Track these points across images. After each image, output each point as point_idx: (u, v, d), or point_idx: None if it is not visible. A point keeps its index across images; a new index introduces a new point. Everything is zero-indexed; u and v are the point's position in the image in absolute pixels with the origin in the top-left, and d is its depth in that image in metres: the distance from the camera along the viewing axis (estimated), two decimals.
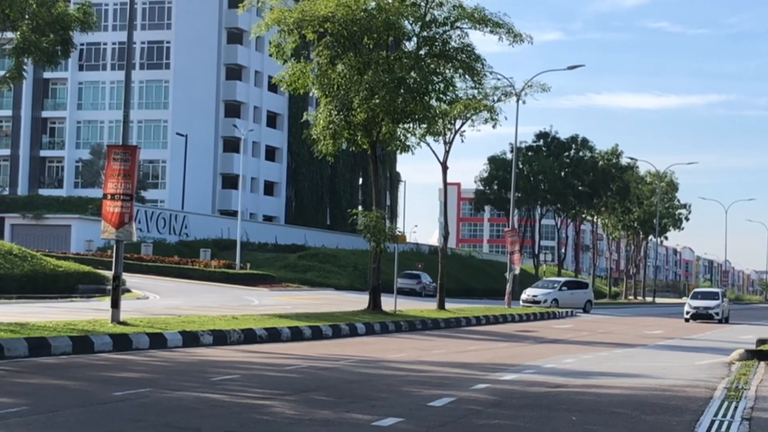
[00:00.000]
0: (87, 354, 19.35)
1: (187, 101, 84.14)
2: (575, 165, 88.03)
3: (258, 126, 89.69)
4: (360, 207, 64.42)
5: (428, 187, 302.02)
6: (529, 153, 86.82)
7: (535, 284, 59.43)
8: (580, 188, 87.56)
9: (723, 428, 12.40)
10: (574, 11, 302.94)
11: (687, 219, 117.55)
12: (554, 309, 49.60)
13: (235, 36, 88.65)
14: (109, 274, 28.68)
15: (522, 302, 54.64)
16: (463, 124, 43.44)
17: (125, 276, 33.13)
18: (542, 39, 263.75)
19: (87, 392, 13.89)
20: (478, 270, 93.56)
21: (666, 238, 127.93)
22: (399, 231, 44.16)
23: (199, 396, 13.68)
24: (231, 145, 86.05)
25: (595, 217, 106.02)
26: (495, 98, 44.81)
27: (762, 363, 20.81)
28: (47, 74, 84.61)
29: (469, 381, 16.75)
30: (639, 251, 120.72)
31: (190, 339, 22.33)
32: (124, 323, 23.39)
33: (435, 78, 36.96)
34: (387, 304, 36.94)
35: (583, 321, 44.85)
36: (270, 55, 37.84)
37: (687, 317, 47.44)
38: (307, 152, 70.23)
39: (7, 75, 27.91)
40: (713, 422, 12.74)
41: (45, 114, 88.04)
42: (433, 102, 37.70)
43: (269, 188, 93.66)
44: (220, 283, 56.18)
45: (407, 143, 38.87)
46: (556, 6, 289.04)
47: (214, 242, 72.02)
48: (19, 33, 26.93)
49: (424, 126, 38.52)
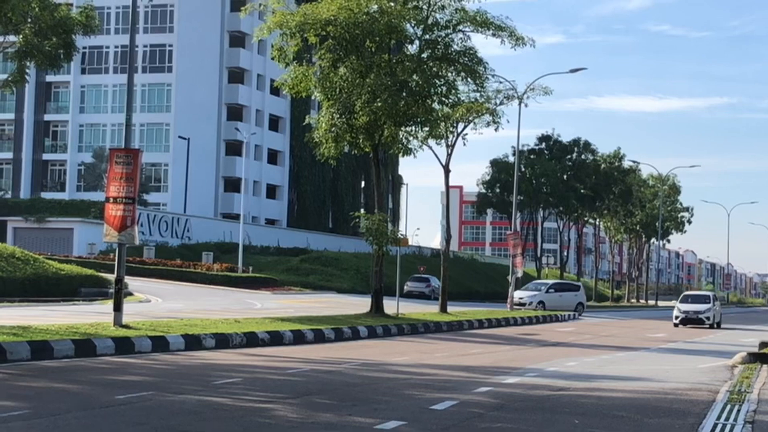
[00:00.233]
0: (89, 357, 19.36)
1: (190, 104, 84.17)
2: (577, 168, 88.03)
3: (260, 129, 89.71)
4: (362, 210, 63.92)
5: (430, 190, 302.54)
6: (532, 156, 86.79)
7: (525, 286, 58.75)
8: (583, 191, 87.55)
9: (726, 431, 12.39)
10: (576, 14, 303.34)
11: (689, 222, 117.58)
12: (557, 312, 49.54)
13: (238, 39, 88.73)
14: (112, 278, 28.69)
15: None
16: (466, 127, 43.43)
17: (127, 279, 33.09)
18: (544, 42, 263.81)
19: (89, 395, 13.89)
20: (481, 273, 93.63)
21: (668, 241, 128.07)
22: (401, 234, 44.12)
23: (202, 399, 13.68)
24: (233, 149, 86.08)
25: (598, 220, 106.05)
26: (497, 101, 44.78)
27: (765, 366, 20.79)
28: (50, 77, 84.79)
29: (472, 384, 16.75)
30: (641, 254, 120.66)
31: (193, 342, 22.34)
32: (127, 326, 23.39)
33: (437, 81, 36.95)
34: (389, 307, 36.94)
35: (586, 324, 44.84)
36: (272, 59, 37.84)
37: (676, 322, 44.74)
38: (310, 155, 70.47)
39: (10, 78, 27.96)
40: (716, 425, 12.74)
41: (47, 117, 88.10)
42: (436, 105, 37.72)
43: (271, 191, 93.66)
44: (223, 287, 56.24)
45: (409, 146, 38.82)
46: (558, 9, 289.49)
47: (217, 245, 72.04)
48: (22, 36, 26.99)
49: (427, 129, 38.51)
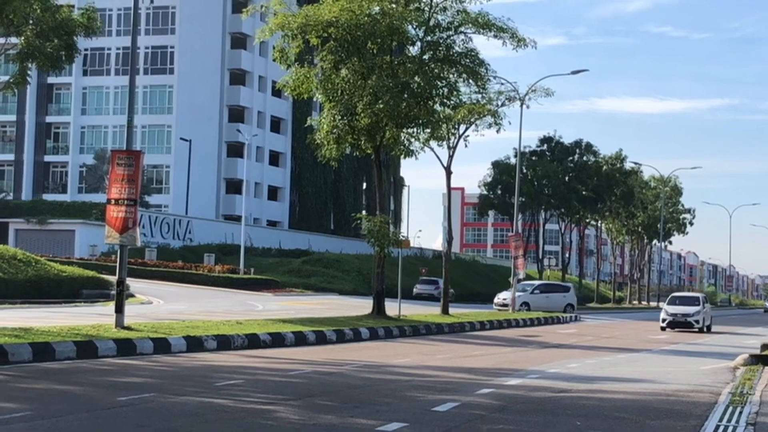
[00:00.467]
0: (91, 359, 19.35)
1: (191, 106, 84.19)
2: (579, 170, 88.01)
3: (262, 131, 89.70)
4: (364, 212, 64.18)
5: (432, 192, 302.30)
6: (533, 158, 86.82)
7: (511, 287, 58.50)
8: (584, 193, 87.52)
9: None
10: (578, 16, 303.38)
11: (691, 224, 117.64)
12: (558, 314, 49.51)
13: (239, 41, 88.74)
14: (113, 279, 28.67)
15: (494, 306, 54.05)
16: (467, 129, 43.44)
17: (129, 281, 33.10)
18: (546, 44, 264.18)
19: (91, 397, 13.89)
20: (482, 275, 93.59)
21: (670, 243, 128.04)
22: (403, 236, 44.20)
23: (204, 401, 13.68)
24: (235, 150, 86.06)
25: (600, 222, 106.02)
26: (499, 103, 44.81)
27: (767, 368, 20.76)
28: (51, 79, 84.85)
29: (473, 386, 16.74)
30: (643, 256, 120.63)
31: (194, 344, 22.33)
32: (128, 328, 23.39)
33: (439, 83, 36.95)
34: (391, 309, 36.93)
35: (588, 326, 44.84)
36: (274, 60, 37.84)
37: (663, 325, 41.56)
38: (311, 157, 70.47)
39: (12, 80, 27.98)
40: (718, 427, 12.73)
41: (49, 119, 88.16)
42: (437, 107, 37.73)
43: (273, 193, 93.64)
44: (224, 288, 56.24)
45: (411, 148, 38.80)
46: (560, 11, 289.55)
47: (218, 247, 72.07)
48: (24, 38, 27.01)
49: (428, 131, 38.51)
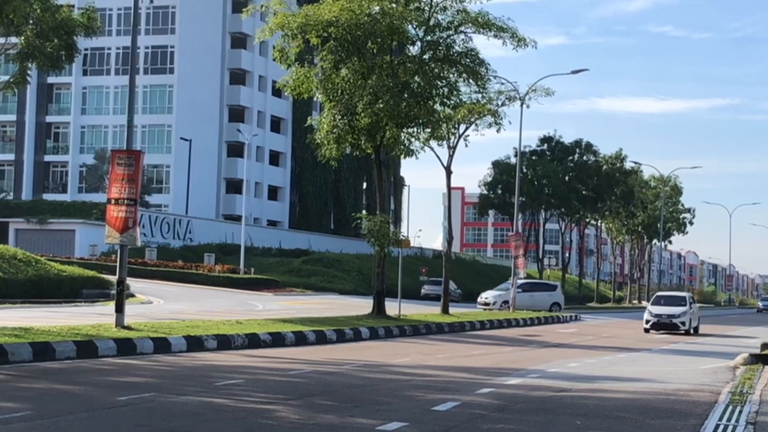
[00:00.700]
0: (91, 359, 19.35)
1: (191, 106, 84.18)
2: (579, 169, 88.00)
3: (262, 131, 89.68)
4: (364, 211, 63.90)
5: (432, 192, 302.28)
6: (534, 157, 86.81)
7: (498, 286, 58.33)
8: (585, 192, 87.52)
9: None
10: (578, 16, 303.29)
11: (691, 223, 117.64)
12: (557, 313, 49.51)
13: (239, 41, 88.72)
14: (114, 279, 28.68)
15: (477, 305, 53.94)
16: (467, 129, 43.43)
17: (129, 281, 33.10)
18: (546, 43, 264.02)
19: (91, 397, 13.89)
20: (482, 274, 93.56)
21: (670, 243, 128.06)
22: (403, 235, 44.16)
23: (204, 401, 13.68)
24: (235, 150, 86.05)
25: (600, 222, 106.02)
26: (499, 102, 44.76)
27: (766, 367, 20.77)
28: (51, 79, 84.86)
29: (474, 385, 16.74)
30: (643, 255, 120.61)
31: (195, 343, 22.33)
32: (129, 328, 23.40)
33: (439, 82, 36.95)
34: (391, 309, 36.93)
35: (588, 325, 44.84)
36: (274, 60, 37.83)
37: (646, 327, 38.70)
38: (311, 157, 70.42)
39: (12, 80, 28.01)
40: (718, 426, 12.73)
41: (49, 119, 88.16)
42: (437, 106, 37.72)
43: (273, 193, 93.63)
44: (224, 288, 56.24)
45: (411, 148, 38.80)
46: (560, 11, 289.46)
47: (218, 247, 72.05)
48: (24, 38, 27.03)
49: (428, 130, 38.51)
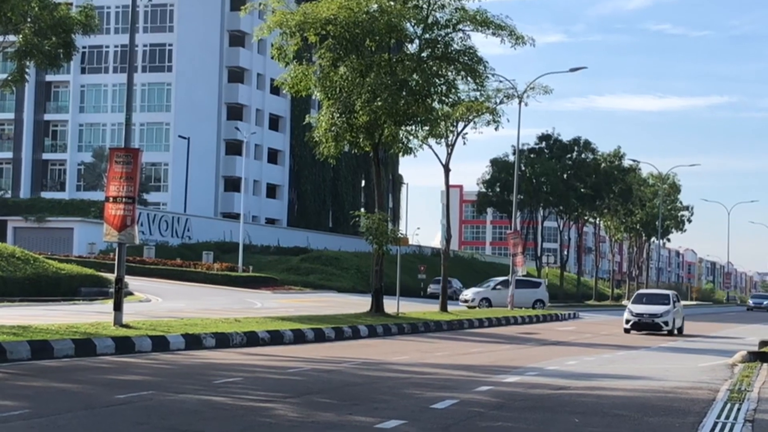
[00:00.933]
0: (89, 357, 19.35)
1: (190, 104, 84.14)
2: (578, 167, 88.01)
3: (260, 129, 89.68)
4: (362, 209, 63.91)
5: (430, 190, 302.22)
6: (532, 155, 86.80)
7: (480, 283, 58.26)
8: (583, 190, 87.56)
9: (726, 430, 12.40)
10: (577, 13, 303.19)
11: (689, 221, 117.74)
12: (555, 311, 49.47)
13: (238, 39, 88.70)
14: (112, 277, 28.68)
15: (460, 302, 53.89)
16: (466, 127, 43.44)
17: (127, 279, 33.05)
18: (544, 41, 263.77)
19: (89, 395, 13.88)
20: (481, 272, 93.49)
21: (668, 240, 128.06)
22: (401, 233, 44.11)
23: (202, 399, 13.68)
24: (233, 148, 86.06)
25: (598, 219, 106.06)
26: (497, 100, 44.80)
27: (765, 365, 20.80)
28: (49, 77, 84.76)
29: (472, 383, 16.74)
30: (641, 253, 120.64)
31: (193, 342, 22.33)
32: (127, 326, 23.38)
33: (437, 80, 36.89)
34: (390, 307, 36.93)
35: (586, 323, 44.86)
36: (272, 58, 37.80)
37: (626, 327, 36.06)
38: (310, 155, 70.31)
39: (10, 78, 27.96)
40: (716, 424, 12.74)
41: (47, 117, 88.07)
42: (435, 104, 37.67)
43: (271, 191, 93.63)
44: (223, 286, 56.25)
45: (409, 145, 38.82)
46: (559, 8, 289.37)
47: (217, 245, 72.04)
48: (22, 36, 26.99)
49: (427, 128, 38.52)
